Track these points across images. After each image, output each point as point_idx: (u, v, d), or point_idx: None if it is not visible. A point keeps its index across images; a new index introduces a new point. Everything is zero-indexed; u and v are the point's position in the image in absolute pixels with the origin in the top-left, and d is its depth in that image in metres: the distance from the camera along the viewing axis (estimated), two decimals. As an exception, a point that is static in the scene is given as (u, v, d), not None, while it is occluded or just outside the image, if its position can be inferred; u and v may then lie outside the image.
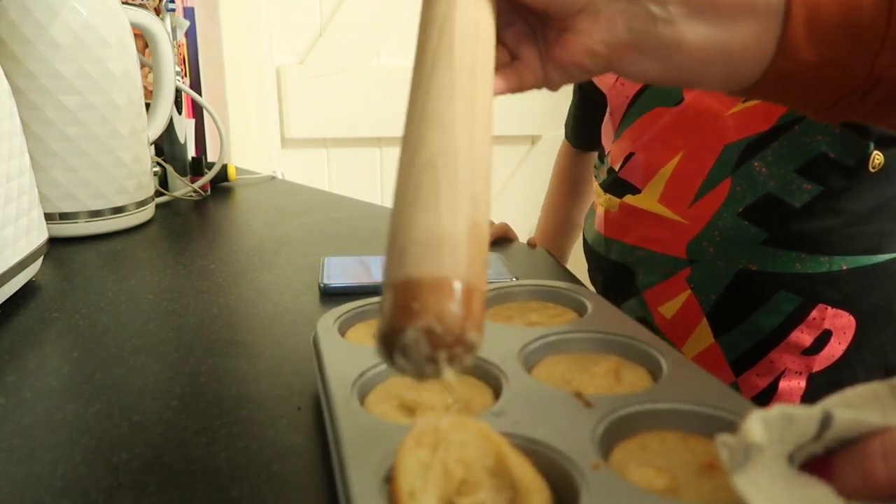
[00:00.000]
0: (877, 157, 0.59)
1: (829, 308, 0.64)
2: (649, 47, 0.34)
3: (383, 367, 0.37)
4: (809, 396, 0.66)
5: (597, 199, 0.77)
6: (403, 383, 0.36)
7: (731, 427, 0.30)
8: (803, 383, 0.66)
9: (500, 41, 0.36)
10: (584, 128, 0.89)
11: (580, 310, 0.46)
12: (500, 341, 0.40)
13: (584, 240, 0.83)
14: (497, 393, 0.36)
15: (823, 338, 0.65)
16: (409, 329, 0.25)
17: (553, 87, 0.38)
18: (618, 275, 0.74)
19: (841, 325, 0.64)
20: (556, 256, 0.90)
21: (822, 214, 0.62)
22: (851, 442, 0.23)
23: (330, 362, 0.39)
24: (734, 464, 0.23)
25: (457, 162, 0.29)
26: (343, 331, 0.44)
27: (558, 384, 0.36)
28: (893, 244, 0.64)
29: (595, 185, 0.78)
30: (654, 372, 0.37)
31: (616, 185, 0.72)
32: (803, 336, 0.65)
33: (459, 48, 0.32)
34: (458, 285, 0.26)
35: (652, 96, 0.67)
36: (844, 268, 0.63)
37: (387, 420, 0.33)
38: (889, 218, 0.63)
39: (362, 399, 0.36)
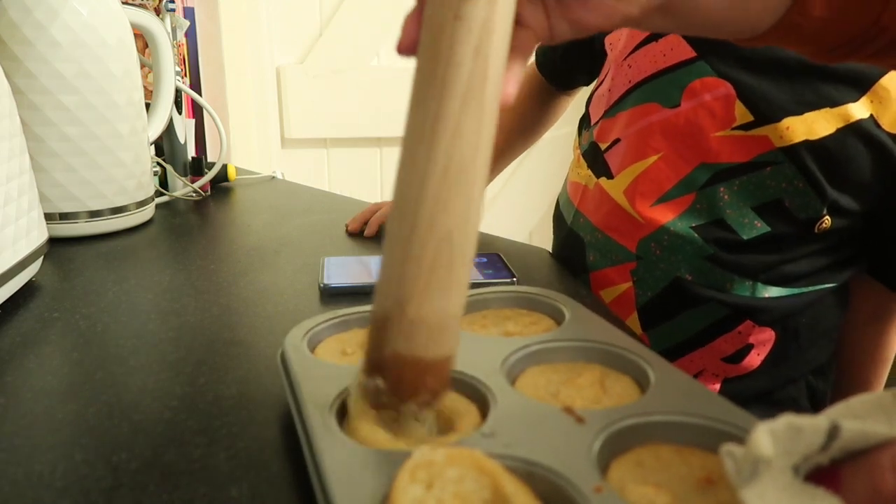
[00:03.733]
0: (826, 221, 0.62)
1: (756, 326, 0.66)
2: (675, 9, 0.34)
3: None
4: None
5: (577, 169, 0.77)
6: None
7: (725, 437, 0.30)
8: (718, 385, 0.69)
9: None
10: (566, 68, 0.86)
11: (557, 317, 0.45)
12: (481, 354, 0.38)
13: (557, 206, 0.84)
14: (483, 409, 0.34)
15: (745, 350, 0.68)
16: (410, 402, 0.32)
17: (554, 42, 0.36)
18: (575, 249, 0.75)
19: (763, 339, 0.67)
20: None
21: (765, 251, 0.64)
22: (858, 453, 0.23)
23: (304, 384, 0.36)
24: (741, 477, 0.23)
25: (467, 237, 0.31)
26: (312, 346, 0.42)
27: (544, 397, 0.35)
28: (824, 281, 0.67)
29: (577, 153, 0.78)
30: (640, 380, 0.37)
31: (597, 163, 0.73)
32: (726, 346, 0.67)
33: (492, 75, 0.30)
34: (446, 362, 0.32)
35: (652, 91, 0.68)
36: (768, 296, 0.66)
37: (371, 445, 0.31)
38: (823, 263, 0.66)
39: (340, 421, 0.34)
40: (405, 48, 0.33)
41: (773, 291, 0.66)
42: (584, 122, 0.79)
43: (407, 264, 0.31)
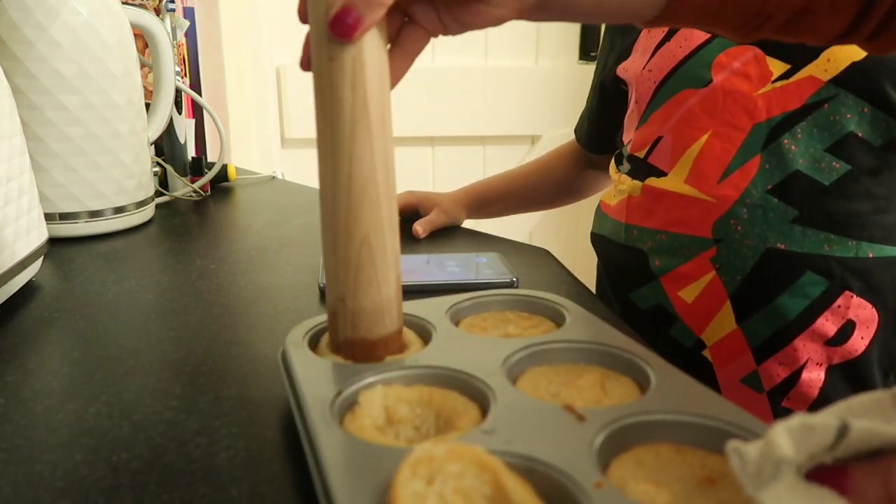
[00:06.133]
0: None
1: (855, 297, 0.64)
2: (550, 3, 0.37)
3: (360, 384, 0.36)
4: (827, 389, 0.66)
5: (619, 186, 0.76)
6: (380, 404, 0.35)
7: (726, 437, 0.30)
8: (822, 375, 0.66)
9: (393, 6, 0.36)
10: (602, 131, 0.88)
11: (557, 319, 0.45)
12: (481, 354, 0.39)
13: (594, 234, 0.82)
14: (483, 408, 0.34)
15: (847, 329, 0.65)
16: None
17: (448, 34, 0.39)
18: (633, 262, 0.73)
19: (865, 317, 0.64)
20: (462, 213, 0.88)
21: (852, 196, 0.62)
22: (864, 454, 0.23)
23: (304, 381, 0.37)
24: (761, 478, 0.22)
25: (383, 239, 0.38)
26: (315, 342, 0.43)
27: (544, 398, 0.35)
28: None
29: (618, 176, 0.77)
30: (640, 382, 0.37)
31: (640, 170, 0.72)
32: (828, 324, 0.65)
33: (373, 101, 0.36)
34: (392, 337, 0.40)
35: (680, 80, 0.67)
36: (871, 255, 0.63)
37: (370, 441, 0.32)
38: None
39: (341, 419, 0.34)
40: (304, 66, 0.38)
41: (874, 250, 0.63)
42: (618, 156, 0.79)
43: (338, 267, 0.38)
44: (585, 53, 1.85)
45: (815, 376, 0.66)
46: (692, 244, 0.68)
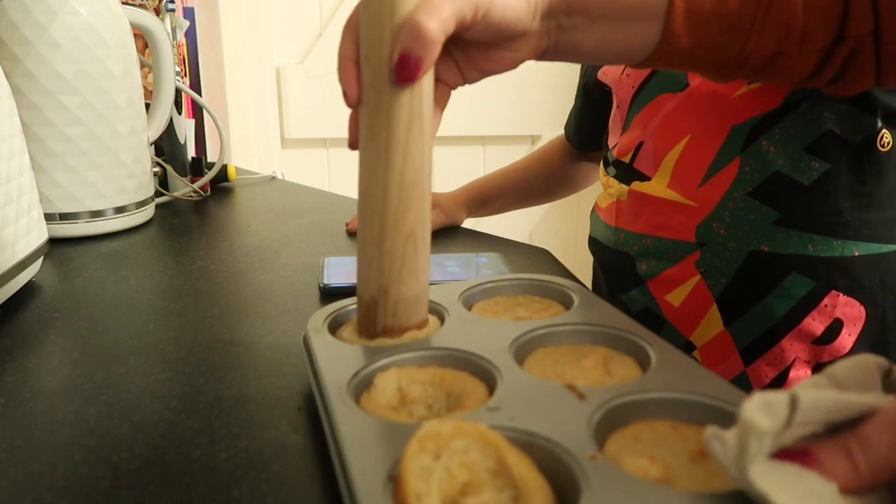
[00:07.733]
0: (885, 136, 0.60)
1: (841, 295, 0.63)
2: (560, 48, 0.43)
3: (375, 365, 0.38)
4: None
5: (608, 190, 0.76)
6: (395, 384, 0.37)
7: (719, 413, 0.31)
8: (810, 373, 0.66)
9: None
10: (589, 130, 0.89)
11: (566, 302, 0.46)
12: (490, 337, 0.40)
13: (590, 238, 0.82)
14: (490, 387, 0.36)
15: (835, 328, 0.64)
16: None
17: (469, 83, 0.44)
18: (621, 265, 0.73)
19: (852, 315, 0.64)
20: (463, 212, 0.89)
21: (833, 194, 0.61)
22: (820, 432, 0.23)
23: (323, 362, 0.39)
24: (746, 456, 0.23)
25: (425, 231, 0.41)
26: (333, 329, 0.44)
27: (550, 378, 0.37)
28: None
29: (604, 181, 0.78)
30: (642, 361, 0.38)
31: (626, 174, 0.72)
32: (815, 324, 0.64)
33: (426, 100, 0.38)
34: (423, 323, 0.42)
35: (657, 84, 0.67)
36: (857, 254, 0.62)
37: (384, 418, 0.34)
38: None
39: (357, 398, 0.36)
40: (353, 146, 0.41)
41: (860, 248, 0.62)
42: (605, 160, 0.79)
43: (382, 259, 0.39)
44: (585, 53, 1.85)
45: (803, 374, 0.66)
46: (676, 248, 0.68)
